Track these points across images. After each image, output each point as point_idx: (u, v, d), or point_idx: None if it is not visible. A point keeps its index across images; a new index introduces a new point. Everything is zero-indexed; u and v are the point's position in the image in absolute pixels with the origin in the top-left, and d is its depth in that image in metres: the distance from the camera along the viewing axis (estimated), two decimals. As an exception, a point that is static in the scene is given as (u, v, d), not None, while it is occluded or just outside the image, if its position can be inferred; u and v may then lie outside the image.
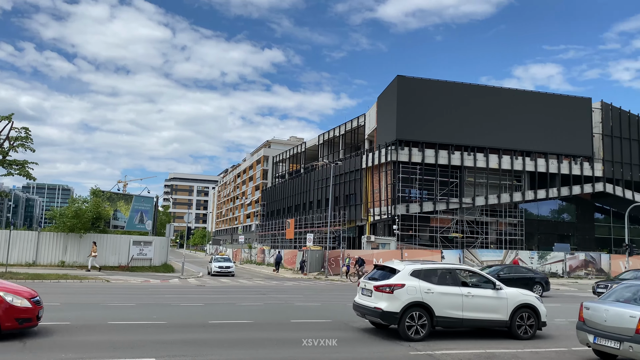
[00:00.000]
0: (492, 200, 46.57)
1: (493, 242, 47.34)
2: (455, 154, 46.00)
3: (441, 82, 47.17)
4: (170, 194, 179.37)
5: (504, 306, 11.57)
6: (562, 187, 48.20)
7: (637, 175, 50.35)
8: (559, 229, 52.42)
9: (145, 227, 38.47)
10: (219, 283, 28.76)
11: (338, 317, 14.48)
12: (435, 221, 45.99)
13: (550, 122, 48.07)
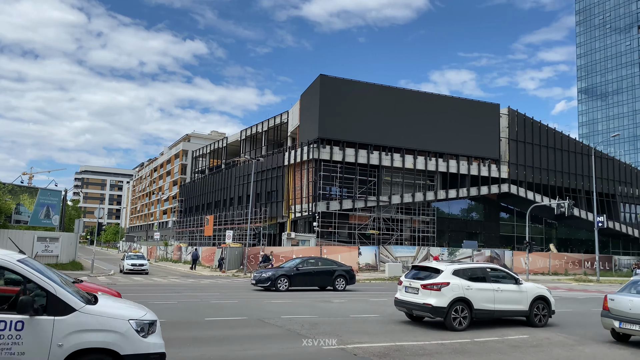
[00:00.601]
0: (407, 199, 48.41)
1: (407, 238, 49.25)
2: (374, 153, 47.33)
3: (363, 83, 48.31)
4: (81, 187, 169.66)
5: (524, 298, 13.56)
6: (471, 188, 51.06)
7: (538, 178, 54.41)
8: (468, 227, 55.55)
9: (51, 222, 36.17)
10: (131, 281, 27.67)
11: (254, 314, 14.46)
12: (354, 218, 47.09)
13: (462, 125, 50.75)
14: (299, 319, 13.60)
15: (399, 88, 51.17)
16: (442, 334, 11.84)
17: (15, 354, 5.40)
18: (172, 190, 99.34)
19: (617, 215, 58.71)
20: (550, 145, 55.60)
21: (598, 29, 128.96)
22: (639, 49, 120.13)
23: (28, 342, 5.46)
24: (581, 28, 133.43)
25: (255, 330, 11.83)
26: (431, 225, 49.87)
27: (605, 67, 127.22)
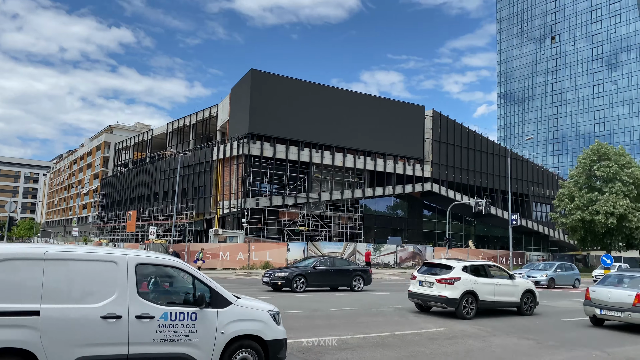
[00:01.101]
0: (336, 196, 49.17)
1: (335, 235, 50.04)
2: (305, 150, 47.62)
3: (294, 80, 48.40)
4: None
5: (517, 291, 15.85)
6: (397, 186, 52.69)
7: (459, 177, 57.05)
8: (393, 224, 57.31)
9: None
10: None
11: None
12: (283, 215, 47.16)
13: (389, 125, 52.20)
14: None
15: (331, 86, 51.81)
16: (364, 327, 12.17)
17: (192, 340, 6.55)
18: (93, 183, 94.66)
19: (529, 214, 62.79)
20: (471, 147, 58.48)
21: (517, 38, 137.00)
22: (552, 58, 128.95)
23: (200, 330, 6.64)
24: (501, 36, 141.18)
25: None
26: (358, 222, 50.96)
27: (522, 74, 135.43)
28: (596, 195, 44.91)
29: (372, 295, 21.02)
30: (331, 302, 17.80)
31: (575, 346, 11.08)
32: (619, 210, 42.92)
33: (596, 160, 46.61)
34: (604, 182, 45.56)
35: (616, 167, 44.64)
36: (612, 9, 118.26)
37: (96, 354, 5.96)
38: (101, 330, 6.02)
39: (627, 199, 43.79)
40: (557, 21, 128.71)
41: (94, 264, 6.29)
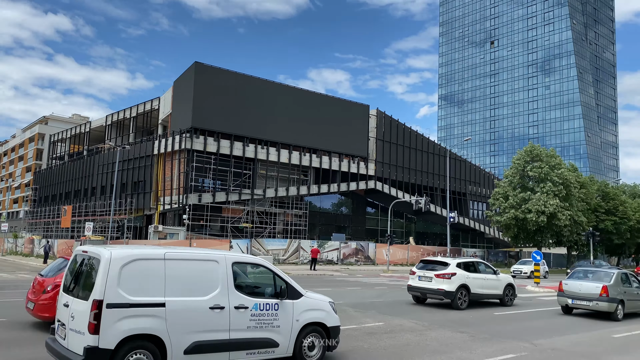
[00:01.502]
0: (282, 193, 49.09)
1: (280, 232, 49.96)
2: (250, 146, 47.20)
3: (240, 75, 47.83)
4: None
5: (500, 285, 18.09)
6: (341, 183, 53.25)
7: (401, 176, 58.36)
8: (337, 221, 57.92)
9: None
10: (-31, 278, 24.56)
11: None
12: (227, 211, 46.58)
13: (335, 123, 52.64)
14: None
15: (277, 83, 51.58)
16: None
17: (275, 327, 7.77)
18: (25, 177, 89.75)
19: (467, 211, 65.17)
20: (413, 146, 59.96)
21: (458, 41, 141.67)
22: (491, 62, 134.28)
23: (281, 318, 7.87)
24: (443, 39, 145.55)
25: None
26: (303, 219, 51.11)
27: (462, 77, 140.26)
28: (529, 195, 47.20)
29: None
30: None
31: (505, 338, 11.64)
32: (549, 209, 45.32)
33: (529, 162, 48.97)
34: (536, 182, 47.96)
35: (547, 168, 47.09)
36: (546, 17, 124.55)
37: (205, 339, 7.06)
38: (209, 319, 7.16)
39: (557, 198, 46.30)
40: (496, 27, 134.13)
41: (201, 263, 7.45)
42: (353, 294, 20.85)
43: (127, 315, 6.48)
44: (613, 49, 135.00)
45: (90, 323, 6.30)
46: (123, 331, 6.42)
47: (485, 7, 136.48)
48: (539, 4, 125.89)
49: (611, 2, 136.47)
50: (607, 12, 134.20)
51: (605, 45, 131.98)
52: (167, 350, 6.70)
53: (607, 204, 56.39)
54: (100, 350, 6.25)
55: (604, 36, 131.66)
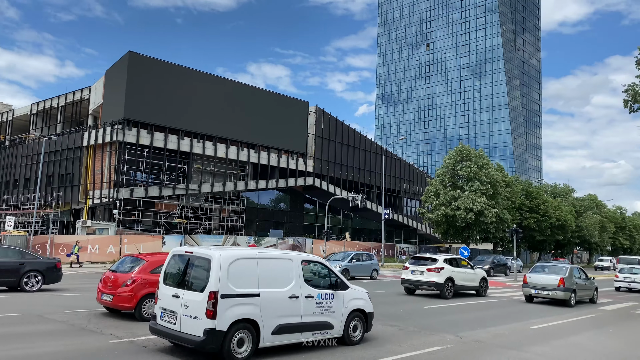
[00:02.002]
0: (218, 188, 48.35)
1: (216, 228, 49.23)
2: (185, 139, 46.11)
3: (177, 66, 46.57)
4: None
5: (477, 278, 21.18)
6: (280, 179, 53.19)
7: (339, 173, 59.09)
8: (275, 217, 57.83)
9: None
10: None
11: (32, 310, 13.03)
12: (160, 206, 45.31)
13: (274, 119, 52.45)
14: None
15: (215, 75, 50.66)
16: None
17: (331, 312, 9.61)
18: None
19: (401, 208, 67.01)
20: (351, 144, 60.87)
21: (395, 42, 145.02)
22: (426, 64, 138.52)
23: (335, 306, 9.72)
24: (382, 40, 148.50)
25: (30, 327, 10.63)
26: (240, 215, 50.62)
27: (399, 78, 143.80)
28: (458, 193, 49.21)
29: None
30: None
31: (433, 331, 12.14)
32: (477, 206, 47.49)
33: (459, 161, 51.03)
34: (465, 181, 50.08)
35: (476, 168, 49.28)
36: (478, 23, 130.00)
37: (286, 322, 8.81)
38: (288, 306, 8.91)
39: (484, 196, 48.58)
40: (432, 30, 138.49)
41: (281, 261, 9.25)
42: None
43: (235, 304, 8.19)
44: (539, 56, 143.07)
45: (208, 310, 7.94)
46: (233, 316, 8.12)
47: (421, 10, 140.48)
48: (472, 9, 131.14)
49: (538, 12, 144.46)
50: (534, 20, 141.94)
51: (532, 52, 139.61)
52: (260, 331, 8.43)
53: (530, 202, 59.79)
54: (217, 332, 7.93)
55: (530, 43, 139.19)
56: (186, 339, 8.12)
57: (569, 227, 62.39)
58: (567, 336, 12.54)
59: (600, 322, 15.54)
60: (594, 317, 16.74)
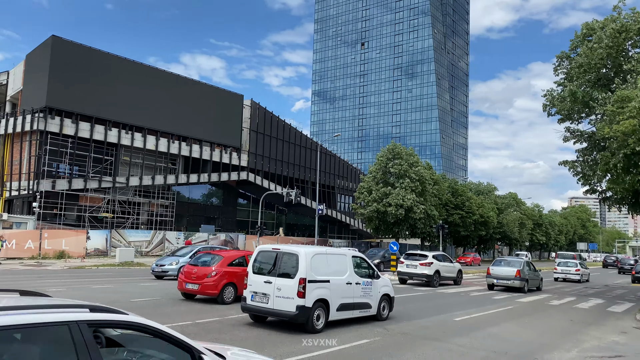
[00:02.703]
0: (147, 182, 46.82)
1: (144, 222, 47.67)
2: (113, 130, 44.24)
3: (105, 54, 44.51)
4: None
5: (455, 270, 26.17)
6: (212, 173, 52.29)
7: (274, 168, 58.96)
8: (207, 212, 56.80)
9: None
10: None
11: None
12: (85, 200, 43.25)
13: (208, 111, 51.45)
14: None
15: (146, 65, 48.89)
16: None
17: (370, 296, 12.72)
18: None
19: (335, 204, 67.93)
20: (286, 139, 60.88)
21: (332, 40, 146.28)
22: (361, 63, 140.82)
23: (373, 290, 12.89)
24: (318, 36, 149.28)
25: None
26: (170, 209, 49.32)
27: (334, 75, 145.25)
28: (389, 190, 50.56)
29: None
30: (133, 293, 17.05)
31: (363, 324, 12.46)
32: (407, 203, 49.03)
33: (391, 159, 52.41)
34: (396, 178, 51.53)
35: (406, 166, 50.83)
36: (411, 25, 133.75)
37: (345, 302, 11.82)
38: (346, 290, 11.93)
39: (414, 193, 50.23)
40: (367, 29, 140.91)
41: (339, 256, 12.50)
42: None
43: (315, 287, 11.05)
44: (467, 59, 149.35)
45: (299, 291, 10.75)
46: (314, 296, 10.96)
47: (357, 9, 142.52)
48: (406, 11, 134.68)
49: (467, 16, 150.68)
50: (463, 25, 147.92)
51: (461, 56, 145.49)
52: (329, 308, 11.35)
53: (456, 199, 62.50)
54: (306, 308, 10.74)
55: (459, 47, 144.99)
56: (281, 313, 10.89)
57: (491, 224, 65.79)
58: (486, 327, 13.29)
59: (517, 314, 16.59)
60: (512, 309, 17.84)
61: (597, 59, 23.30)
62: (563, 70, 25.82)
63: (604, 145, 22.30)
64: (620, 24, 22.68)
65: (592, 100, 22.88)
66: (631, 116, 17.04)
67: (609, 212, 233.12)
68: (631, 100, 17.66)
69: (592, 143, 24.49)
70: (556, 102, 25.07)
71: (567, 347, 11.44)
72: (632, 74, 21.28)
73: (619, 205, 25.56)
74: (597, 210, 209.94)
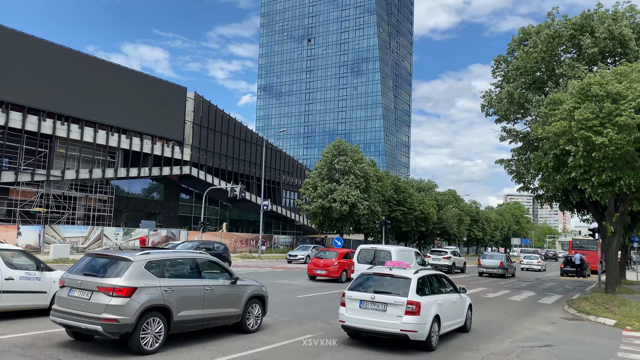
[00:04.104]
0: (84, 175, 44.88)
1: (81, 217, 45.72)
2: (48, 121, 42.06)
3: (39, 40, 42.14)
4: None
5: (462, 262, 38.95)
6: (153, 167, 50.78)
7: (217, 162, 58.00)
8: (147, 207, 55.15)
9: None
10: None
11: None
12: (16, 193, 40.89)
13: (149, 104, 49.89)
14: None
15: (84, 53, 46.73)
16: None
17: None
18: None
19: (280, 200, 67.78)
20: (231, 134, 60.04)
21: (278, 34, 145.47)
22: (308, 59, 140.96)
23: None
24: (264, 30, 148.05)
25: None
26: (109, 204, 47.52)
27: (281, 70, 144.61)
28: (334, 186, 51.02)
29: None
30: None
31: (306, 320, 12.53)
32: (352, 199, 49.66)
33: (336, 155, 52.89)
34: (341, 174, 52.07)
35: (351, 162, 51.45)
36: (357, 23, 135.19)
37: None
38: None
39: (358, 190, 50.93)
40: (313, 25, 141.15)
41: (408, 252, 20.52)
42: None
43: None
44: (410, 59, 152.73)
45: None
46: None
47: (304, 4, 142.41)
48: (352, 9, 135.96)
49: (411, 17, 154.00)
50: (407, 25, 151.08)
51: (404, 55, 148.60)
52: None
53: (398, 196, 63.90)
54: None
55: (404, 47, 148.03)
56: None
57: (431, 220, 67.77)
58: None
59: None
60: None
61: (533, 63, 24.48)
62: (501, 73, 26.92)
63: (537, 145, 23.47)
64: (554, 30, 23.93)
65: (527, 102, 24.02)
66: (562, 118, 18.01)
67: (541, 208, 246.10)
68: (562, 103, 18.66)
69: (526, 143, 25.70)
70: (494, 103, 26.13)
71: (500, 337, 12.00)
72: (564, 77, 22.50)
73: (550, 202, 27.02)
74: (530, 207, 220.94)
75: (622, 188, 17.94)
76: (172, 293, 8.89)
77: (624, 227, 23.64)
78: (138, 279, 8.48)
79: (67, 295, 8.64)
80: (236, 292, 10.48)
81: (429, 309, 9.93)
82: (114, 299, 8.19)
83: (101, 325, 8.08)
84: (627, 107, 16.55)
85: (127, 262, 8.61)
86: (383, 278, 10.41)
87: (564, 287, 28.51)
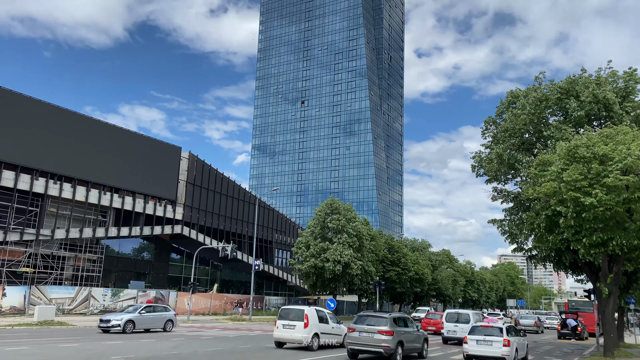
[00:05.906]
0: (74, 234, 44.37)
1: (69, 278, 44.75)
2: (40, 180, 42.03)
3: (35, 101, 42.88)
4: None
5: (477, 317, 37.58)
6: (145, 227, 50.34)
7: (210, 221, 57.67)
8: (137, 267, 54.20)
9: None
10: None
11: None
12: (4, 253, 40.18)
13: (143, 163, 50.19)
14: None
15: (79, 114, 47.44)
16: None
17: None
18: None
19: (272, 259, 66.92)
20: (224, 192, 60.10)
21: (273, 96, 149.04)
22: (301, 120, 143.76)
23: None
24: (260, 93, 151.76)
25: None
26: (98, 264, 46.67)
27: (275, 130, 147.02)
28: (327, 245, 50.61)
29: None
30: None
31: None
32: (345, 258, 49.13)
33: (329, 214, 52.83)
34: (334, 233, 51.79)
35: (344, 221, 51.32)
36: (349, 86, 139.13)
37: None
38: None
39: (351, 249, 50.51)
40: (307, 88, 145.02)
41: (477, 314, 31.22)
42: (148, 346, 19.56)
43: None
44: (401, 121, 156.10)
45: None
46: None
47: (298, 69, 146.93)
48: (344, 73, 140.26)
49: (402, 81, 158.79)
50: (398, 89, 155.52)
51: (395, 117, 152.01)
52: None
53: (392, 255, 63.36)
54: None
55: (395, 109, 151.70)
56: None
57: (426, 280, 66.88)
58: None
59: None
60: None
61: (521, 124, 25.07)
62: (490, 134, 27.49)
63: (529, 205, 23.60)
64: (541, 94, 24.71)
65: (517, 162, 24.39)
66: (551, 179, 18.26)
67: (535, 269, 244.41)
68: (551, 164, 18.98)
69: (517, 203, 25.82)
70: (484, 164, 26.48)
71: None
72: (552, 139, 22.99)
73: (544, 262, 26.83)
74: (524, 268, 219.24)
75: (615, 249, 17.94)
76: None
77: (619, 288, 23.42)
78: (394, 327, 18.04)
79: (358, 335, 17.85)
80: None
81: (514, 343, 18.44)
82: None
83: (382, 349, 17.32)
84: (614, 168, 16.84)
85: (386, 319, 17.96)
86: (486, 328, 19.19)
87: (562, 351, 27.81)
